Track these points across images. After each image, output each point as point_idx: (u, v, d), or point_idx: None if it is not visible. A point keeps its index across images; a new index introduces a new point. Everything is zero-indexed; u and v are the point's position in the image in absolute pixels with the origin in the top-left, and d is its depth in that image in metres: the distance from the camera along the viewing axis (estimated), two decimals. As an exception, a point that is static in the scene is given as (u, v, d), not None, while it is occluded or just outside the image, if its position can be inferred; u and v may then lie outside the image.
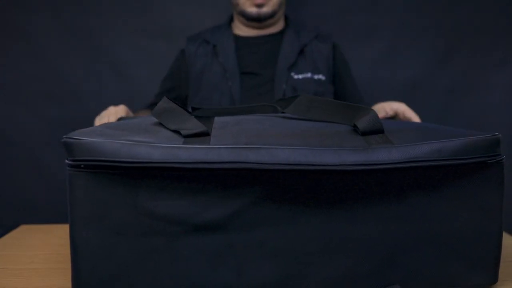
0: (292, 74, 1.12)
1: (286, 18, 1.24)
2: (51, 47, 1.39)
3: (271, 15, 1.15)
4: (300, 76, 1.12)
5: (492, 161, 0.51)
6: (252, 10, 1.13)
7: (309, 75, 1.13)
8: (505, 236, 0.78)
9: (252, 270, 0.49)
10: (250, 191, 0.47)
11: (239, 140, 0.48)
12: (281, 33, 1.20)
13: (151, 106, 1.20)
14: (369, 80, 1.45)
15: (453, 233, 0.51)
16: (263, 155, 0.46)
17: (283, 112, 0.63)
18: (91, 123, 1.36)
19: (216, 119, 0.59)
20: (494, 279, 0.54)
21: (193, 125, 0.50)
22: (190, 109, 0.64)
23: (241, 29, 1.20)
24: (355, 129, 0.52)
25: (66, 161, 0.47)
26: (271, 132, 0.52)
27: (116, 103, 1.11)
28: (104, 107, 1.40)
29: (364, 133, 0.50)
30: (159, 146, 0.46)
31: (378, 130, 0.50)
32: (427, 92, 1.44)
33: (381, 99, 1.43)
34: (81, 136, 0.47)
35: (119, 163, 0.45)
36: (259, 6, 1.12)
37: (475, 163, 0.50)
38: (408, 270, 0.51)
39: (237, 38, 1.19)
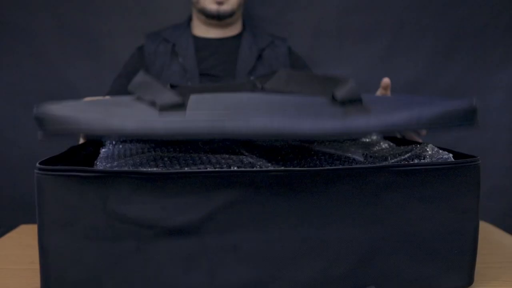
0: (251, 78, 1.13)
1: (244, 22, 1.25)
2: (51, 47, 1.39)
3: (230, 13, 1.16)
4: None
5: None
6: (212, 7, 1.14)
7: None
8: (506, 236, 0.78)
9: (225, 274, 0.48)
10: (223, 194, 0.47)
11: (216, 111, 0.47)
12: (238, 36, 1.21)
13: None
14: (369, 80, 1.44)
15: (428, 235, 0.51)
16: (240, 125, 0.45)
17: (262, 88, 0.62)
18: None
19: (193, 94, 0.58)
20: (470, 281, 0.54)
21: (169, 97, 0.48)
22: None
23: (200, 29, 1.21)
24: (333, 99, 0.51)
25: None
26: (248, 103, 0.51)
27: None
28: (104, 107, 1.39)
29: (342, 102, 0.50)
30: (134, 117, 0.45)
31: (356, 99, 0.50)
32: (427, 92, 1.44)
33: (381, 99, 1.43)
34: (53, 110, 0.46)
35: (92, 132, 0.44)
36: (219, 3, 1.14)
37: (450, 166, 0.50)
38: (383, 272, 0.51)
39: (196, 39, 1.19)
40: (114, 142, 0.69)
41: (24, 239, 0.74)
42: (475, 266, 0.54)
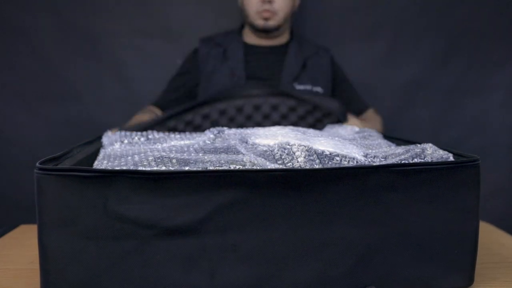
0: (295, 84, 1.21)
1: (292, 31, 1.34)
2: (51, 47, 1.39)
3: (276, 28, 1.25)
4: (302, 87, 1.21)
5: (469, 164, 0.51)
6: (259, 22, 1.23)
7: (309, 87, 1.22)
8: (505, 236, 0.78)
9: (225, 274, 0.48)
10: (223, 194, 0.47)
11: None
12: (286, 45, 1.30)
13: (157, 103, 1.26)
14: (369, 80, 1.45)
15: (428, 235, 0.51)
16: None
17: None
18: (91, 123, 1.36)
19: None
20: (470, 281, 0.54)
21: None
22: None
23: (250, 37, 1.30)
24: None
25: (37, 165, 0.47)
26: None
27: (115, 103, 1.11)
28: (104, 107, 1.40)
29: None
30: None
31: None
32: (427, 92, 1.44)
33: (381, 99, 1.43)
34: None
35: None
36: (266, 19, 1.22)
37: (450, 166, 0.51)
38: (383, 272, 0.51)
39: (246, 45, 1.28)
40: (114, 143, 0.69)
41: (24, 239, 0.74)
42: (475, 266, 0.54)
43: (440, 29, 1.44)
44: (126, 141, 0.70)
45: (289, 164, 0.53)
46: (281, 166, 0.52)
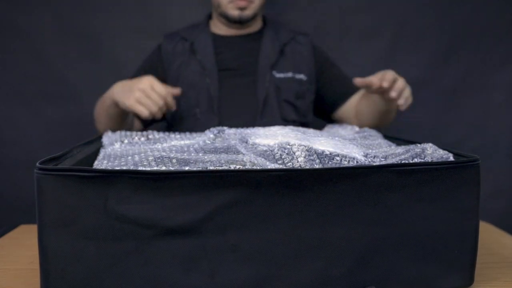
0: (274, 72, 1.12)
1: (264, 18, 1.25)
2: (51, 47, 1.39)
3: (252, 17, 1.15)
4: (282, 75, 1.12)
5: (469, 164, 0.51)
6: (234, 12, 1.13)
7: (290, 74, 1.13)
8: (506, 236, 0.78)
9: (225, 274, 0.48)
10: (223, 194, 0.47)
11: None
12: (260, 32, 1.20)
13: None
14: (369, 80, 1.44)
15: (428, 235, 0.51)
16: None
17: None
18: (91, 123, 1.36)
19: None
20: (470, 281, 0.54)
21: None
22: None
23: (219, 28, 1.20)
24: None
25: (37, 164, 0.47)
26: None
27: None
28: (104, 107, 1.39)
29: None
30: None
31: None
32: (427, 92, 1.44)
33: (381, 99, 1.43)
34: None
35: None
36: (242, 9, 1.12)
37: (450, 166, 0.51)
38: (383, 272, 0.51)
39: (216, 37, 1.18)
40: (114, 143, 0.69)
41: (24, 239, 0.74)
42: (475, 266, 0.54)
43: (440, 29, 1.44)
44: (126, 141, 0.70)
45: (289, 164, 0.53)
46: (281, 166, 0.52)
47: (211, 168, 0.50)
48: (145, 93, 0.92)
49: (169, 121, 1.17)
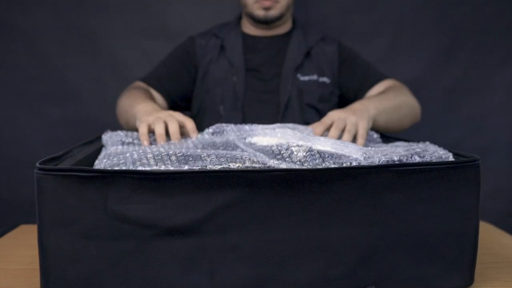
0: (298, 75, 1.12)
1: (294, 20, 1.25)
2: (51, 47, 1.39)
3: (278, 17, 1.16)
4: (306, 78, 1.13)
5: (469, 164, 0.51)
6: (259, 13, 1.14)
7: (314, 77, 1.13)
8: (506, 236, 0.78)
9: (225, 274, 0.48)
10: (223, 194, 0.47)
11: None
12: (288, 34, 1.21)
13: (146, 79, 1.15)
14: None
15: (429, 235, 0.51)
16: None
17: None
18: (91, 123, 1.36)
19: None
20: (470, 281, 0.54)
21: None
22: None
23: (249, 28, 1.21)
24: None
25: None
26: None
27: (115, 103, 1.10)
28: (104, 107, 1.39)
29: None
30: None
31: None
32: (427, 92, 1.44)
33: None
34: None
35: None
36: (267, 9, 1.13)
37: (450, 166, 0.51)
38: (383, 272, 0.51)
39: (245, 36, 1.20)
40: (114, 143, 0.69)
41: (24, 239, 0.74)
42: (475, 266, 0.54)
43: (440, 29, 1.44)
44: (126, 141, 0.70)
45: (288, 159, 0.53)
46: (280, 162, 0.52)
47: (211, 167, 0.50)
48: (161, 118, 0.78)
49: (193, 113, 1.17)
